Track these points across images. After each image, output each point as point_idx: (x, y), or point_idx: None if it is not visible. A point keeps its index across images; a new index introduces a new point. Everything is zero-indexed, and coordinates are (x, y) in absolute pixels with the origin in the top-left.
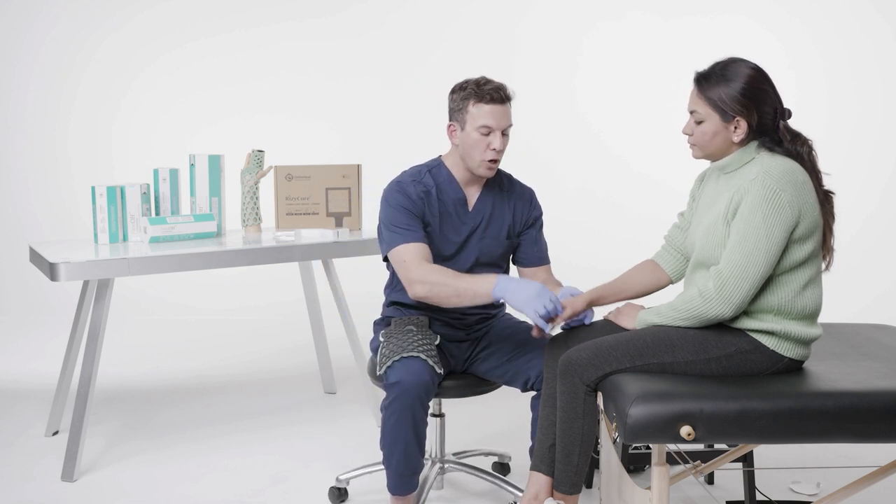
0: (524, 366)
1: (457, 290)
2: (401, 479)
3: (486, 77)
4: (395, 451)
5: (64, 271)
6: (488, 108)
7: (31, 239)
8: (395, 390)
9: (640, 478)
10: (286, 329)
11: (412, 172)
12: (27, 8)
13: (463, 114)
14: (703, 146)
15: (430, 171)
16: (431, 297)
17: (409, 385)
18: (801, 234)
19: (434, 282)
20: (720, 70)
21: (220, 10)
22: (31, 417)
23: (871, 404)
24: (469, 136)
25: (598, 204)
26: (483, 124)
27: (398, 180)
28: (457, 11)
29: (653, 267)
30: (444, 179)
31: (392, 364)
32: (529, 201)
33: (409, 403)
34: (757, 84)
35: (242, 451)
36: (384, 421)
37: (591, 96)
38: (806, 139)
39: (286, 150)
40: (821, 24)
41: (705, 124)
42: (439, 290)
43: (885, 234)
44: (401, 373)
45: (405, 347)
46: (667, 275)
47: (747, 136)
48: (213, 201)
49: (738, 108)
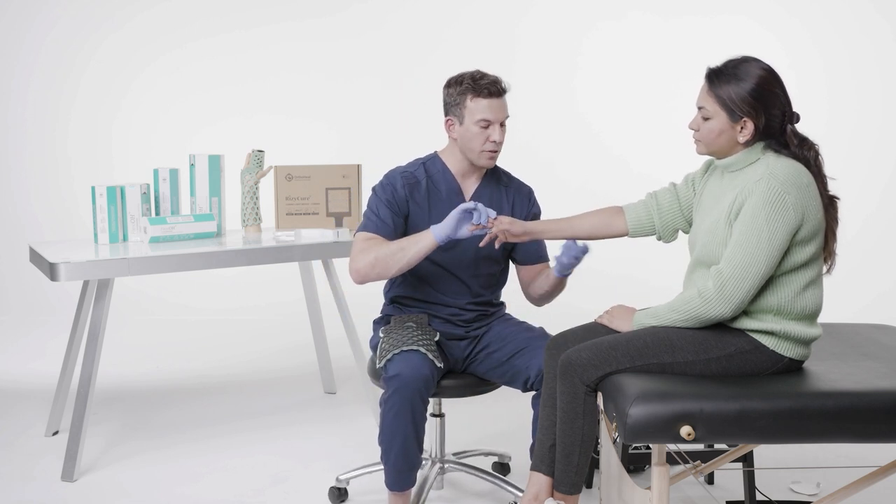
0: (524, 366)
1: (399, 246)
2: (399, 475)
3: (480, 71)
4: (393, 446)
5: (64, 271)
6: (486, 103)
7: (31, 239)
8: (394, 383)
9: (640, 478)
10: (286, 329)
11: (407, 165)
12: (27, 8)
13: (461, 108)
14: (708, 143)
15: (424, 164)
16: (378, 262)
17: (409, 378)
18: (803, 237)
19: (373, 248)
20: (732, 68)
21: (220, 10)
22: (31, 417)
23: (871, 404)
24: (468, 130)
25: (598, 204)
26: (482, 118)
27: (390, 172)
28: (457, 11)
29: (614, 213)
30: (438, 171)
31: (392, 357)
32: (528, 198)
33: (408, 396)
34: (768, 86)
35: (242, 451)
36: (383, 415)
37: (591, 96)
38: (813, 144)
39: (286, 150)
40: (821, 24)
41: (712, 121)
42: (378, 252)
43: (885, 234)
44: (400, 366)
45: (405, 341)
46: (625, 224)
47: (753, 138)
48: (213, 201)
49: (746, 109)
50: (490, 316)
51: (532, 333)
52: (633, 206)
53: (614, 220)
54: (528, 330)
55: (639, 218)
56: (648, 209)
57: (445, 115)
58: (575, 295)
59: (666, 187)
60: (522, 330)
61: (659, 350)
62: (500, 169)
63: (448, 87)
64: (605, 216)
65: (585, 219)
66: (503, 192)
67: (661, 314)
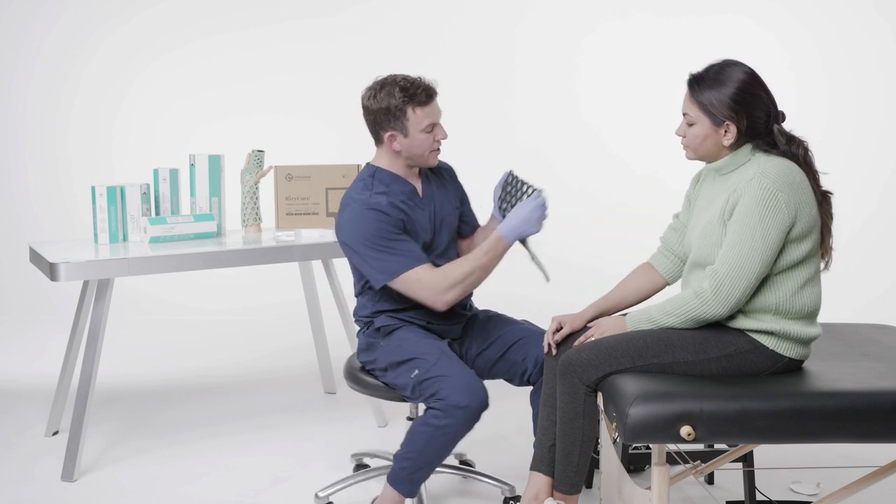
0: (520, 359)
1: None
2: (415, 487)
3: (402, 77)
4: (431, 465)
5: (64, 271)
6: (427, 109)
7: (31, 239)
8: (460, 414)
9: (640, 478)
10: (286, 329)
11: (361, 188)
12: (27, 8)
13: (403, 122)
14: (695, 148)
15: (373, 178)
16: (466, 291)
17: (477, 410)
18: (798, 234)
19: (458, 278)
20: (713, 74)
21: (220, 10)
22: (31, 417)
23: (871, 404)
24: (415, 139)
25: (598, 204)
26: (427, 124)
27: (359, 199)
28: (457, 11)
29: (647, 270)
30: (390, 180)
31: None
32: (453, 175)
33: (469, 427)
34: (749, 89)
35: (242, 451)
36: (431, 436)
37: (592, 96)
38: (801, 141)
39: (286, 150)
40: (821, 25)
41: (696, 127)
42: (468, 280)
43: (885, 234)
44: (466, 395)
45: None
46: (662, 277)
47: (737, 140)
48: (213, 201)
49: (727, 113)
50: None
51: (518, 325)
52: (656, 258)
53: (652, 277)
54: (511, 322)
55: (666, 268)
56: (668, 256)
57: (382, 131)
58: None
59: (670, 224)
60: (505, 323)
61: (659, 350)
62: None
63: (376, 102)
64: (643, 278)
65: (628, 287)
66: (441, 177)
67: (655, 316)
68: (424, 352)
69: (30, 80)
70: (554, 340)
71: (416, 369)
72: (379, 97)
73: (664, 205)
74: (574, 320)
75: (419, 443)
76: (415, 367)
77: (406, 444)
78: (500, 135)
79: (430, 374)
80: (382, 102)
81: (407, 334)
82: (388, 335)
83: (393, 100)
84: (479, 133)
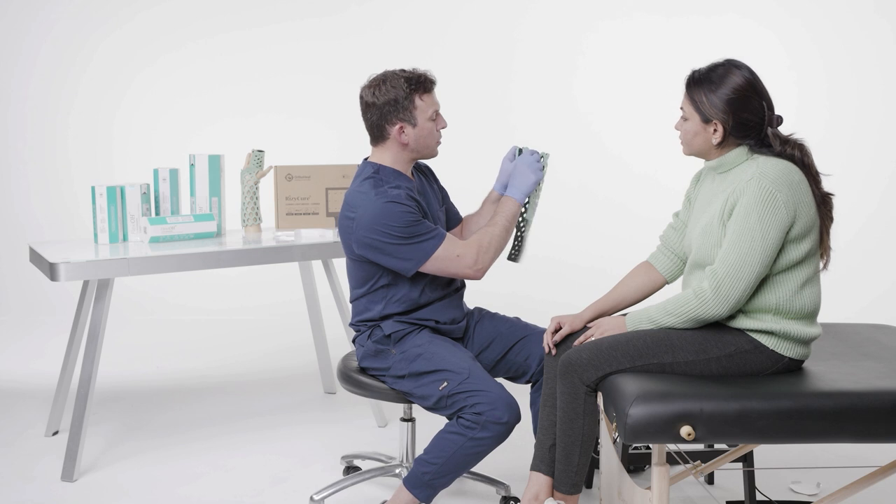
0: (522, 360)
1: (501, 231)
2: (433, 493)
3: (401, 69)
4: (452, 474)
5: (64, 271)
6: (431, 97)
7: (31, 239)
8: (498, 429)
9: (640, 478)
10: (286, 329)
11: (371, 185)
12: (27, 8)
13: (411, 111)
14: (688, 144)
15: (378, 174)
16: (496, 255)
17: (513, 426)
18: (797, 234)
19: (486, 245)
20: (711, 73)
21: (220, 10)
22: (31, 417)
23: (871, 404)
24: (423, 128)
25: (598, 204)
26: (433, 111)
27: (376, 196)
28: (457, 11)
29: (647, 269)
30: (395, 175)
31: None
32: (434, 174)
33: (501, 441)
34: (744, 93)
35: (242, 451)
36: (462, 445)
37: (591, 96)
38: (797, 142)
39: (286, 150)
40: (821, 25)
41: (688, 123)
42: (495, 243)
43: (885, 234)
44: (506, 411)
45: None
46: (661, 276)
47: (724, 139)
48: (213, 201)
49: (715, 113)
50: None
51: (515, 324)
52: (655, 257)
53: (651, 276)
54: (506, 321)
55: (666, 266)
56: (668, 255)
57: (389, 125)
58: (566, 293)
59: (670, 223)
60: (501, 322)
61: (659, 350)
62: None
63: (381, 95)
64: (643, 277)
65: (628, 287)
66: (425, 175)
67: (655, 316)
68: (453, 364)
69: (30, 80)
70: (553, 341)
71: (445, 381)
72: (383, 90)
73: (664, 204)
74: (573, 320)
75: (447, 450)
76: (444, 378)
77: (431, 449)
78: (499, 134)
79: (463, 388)
80: (389, 94)
81: (421, 341)
82: (399, 341)
83: (399, 90)
84: (478, 133)
